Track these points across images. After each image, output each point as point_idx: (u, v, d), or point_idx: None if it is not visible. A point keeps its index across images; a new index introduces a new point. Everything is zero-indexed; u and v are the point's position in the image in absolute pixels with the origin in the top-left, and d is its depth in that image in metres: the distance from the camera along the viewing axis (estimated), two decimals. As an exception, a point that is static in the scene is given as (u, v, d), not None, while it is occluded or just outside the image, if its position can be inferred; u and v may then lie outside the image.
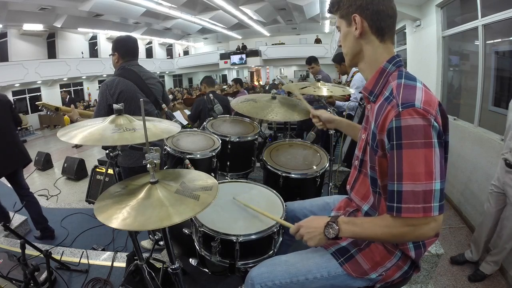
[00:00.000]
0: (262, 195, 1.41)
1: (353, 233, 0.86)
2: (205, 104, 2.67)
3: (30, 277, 1.48)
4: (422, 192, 0.73)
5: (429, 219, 0.74)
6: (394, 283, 1.00)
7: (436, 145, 0.73)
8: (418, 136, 0.72)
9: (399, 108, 0.75)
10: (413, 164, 0.73)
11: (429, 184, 0.72)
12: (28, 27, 11.90)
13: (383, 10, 0.85)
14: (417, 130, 0.73)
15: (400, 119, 0.74)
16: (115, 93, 1.82)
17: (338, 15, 0.94)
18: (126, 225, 0.80)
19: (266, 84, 17.23)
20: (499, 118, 2.77)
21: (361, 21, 0.86)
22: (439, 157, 0.74)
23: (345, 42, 0.95)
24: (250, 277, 1.01)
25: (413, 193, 0.73)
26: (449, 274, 2.26)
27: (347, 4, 0.89)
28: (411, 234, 0.78)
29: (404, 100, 0.76)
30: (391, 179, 0.77)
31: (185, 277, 1.74)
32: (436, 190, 0.73)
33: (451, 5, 3.73)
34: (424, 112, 0.73)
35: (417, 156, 0.72)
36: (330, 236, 0.87)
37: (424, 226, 0.75)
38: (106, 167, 3.37)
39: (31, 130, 11.95)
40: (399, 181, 0.74)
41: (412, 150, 0.73)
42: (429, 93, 0.80)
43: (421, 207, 0.73)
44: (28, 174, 5.84)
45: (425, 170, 0.72)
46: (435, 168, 0.73)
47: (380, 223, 0.82)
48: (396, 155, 0.75)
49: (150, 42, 20.09)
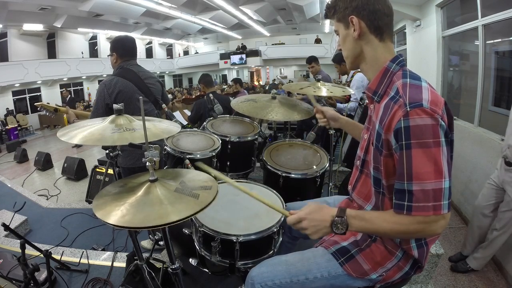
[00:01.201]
0: (262, 195, 1.40)
1: (362, 227, 0.84)
2: (205, 104, 2.66)
3: (30, 277, 1.48)
4: (432, 191, 0.73)
5: (439, 217, 0.75)
6: (394, 283, 1.00)
7: (443, 144, 0.74)
8: (427, 136, 0.73)
9: (407, 107, 0.75)
10: (422, 164, 0.73)
11: (439, 182, 0.73)
12: (28, 27, 11.89)
13: (379, 9, 0.86)
14: (426, 130, 0.73)
15: (409, 118, 0.74)
16: (113, 93, 1.81)
17: (336, 19, 0.94)
18: (125, 222, 0.80)
19: (266, 84, 17.24)
20: (499, 118, 2.77)
21: (358, 22, 0.87)
22: (446, 155, 0.75)
23: (344, 45, 0.94)
24: (250, 277, 1.01)
25: (423, 192, 0.74)
26: (449, 274, 2.25)
27: (343, 7, 0.89)
28: (421, 232, 0.78)
29: (412, 100, 0.76)
30: (401, 178, 0.77)
31: (185, 277, 1.73)
32: (445, 188, 0.74)
33: (451, 5, 3.73)
34: (432, 112, 0.74)
35: (426, 156, 0.73)
36: (339, 232, 0.84)
37: (433, 224, 0.76)
38: (106, 167, 3.38)
39: (31, 130, 11.95)
40: (409, 181, 0.75)
41: (421, 150, 0.73)
42: (435, 92, 0.80)
43: (431, 205, 0.74)
44: (28, 174, 5.86)
45: (435, 169, 0.73)
46: (443, 166, 0.74)
47: (390, 219, 0.81)
48: (405, 155, 0.75)
49: (150, 42, 20.09)
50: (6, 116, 11.38)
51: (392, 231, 0.81)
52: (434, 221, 0.76)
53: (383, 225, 0.82)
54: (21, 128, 11.37)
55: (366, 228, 0.85)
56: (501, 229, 2.01)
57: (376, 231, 0.86)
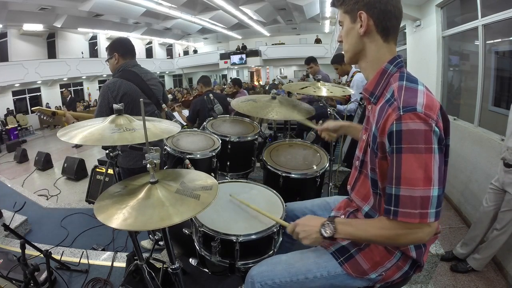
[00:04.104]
0: (262, 195, 1.41)
1: (349, 233, 0.87)
2: (203, 104, 2.67)
3: (30, 277, 1.48)
4: (420, 198, 0.73)
5: (424, 225, 0.75)
6: (394, 283, 1.00)
7: (436, 151, 0.73)
8: (419, 141, 0.72)
9: (400, 111, 0.74)
10: (412, 169, 0.72)
11: (427, 190, 0.72)
12: (28, 27, 11.90)
13: (390, 10, 0.83)
14: (418, 135, 0.72)
15: (401, 122, 0.73)
16: (118, 95, 1.79)
17: (342, 10, 0.90)
18: (128, 225, 0.80)
19: (266, 84, 17.24)
20: (499, 118, 2.77)
21: (367, 19, 0.83)
22: (438, 162, 0.74)
23: (347, 38, 0.91)
24: (250, 276, 1.01)
25: (410, 198, 0.73)
26: (449, 274, 2.25)
27: (354, 0, 0.85)
28: (405, 237, 0.78)
29: (405, 104, 0.75)
30: (390, 182, 0.77)
31: (185, 277, 1.74)
32: (434, 197, 0.73)
33: (451, 5, 3.73)
34: (426, 117, 0.72)
35: (416, 161, 0.72)
36: (326, 235, 0.87)
37: (418, 231, 0.76)
38: (106, 167, 3.37)
39: (31, 130, 11.95)
40: (397, 185, 0.75)
41: (412, 155, 0.72)
42: (431, 96, 0.79)
43: (418, 212, 0.73)
44: (28, 174, 5.86)
45: (424, 176, 0.72)
46: (433, 174, 0.72)
47: (375, 225, 0.83)
48: (395, 158, 0.75)
49: (150, 42, 20.09)
50: (6, 116, 11.40)
51: (377, 236, 0.82)
52: (419, 228, 0.75)
53: (369, 230, 0.83)
54: (21, 128, 11.38)
55: (352, 233, 0.86)
56: (502, 229, 2.01)
57: (362, 236, 0.86)
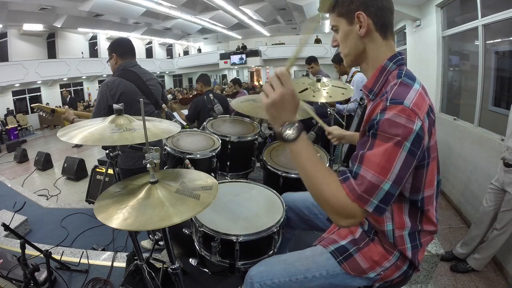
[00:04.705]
0: (262, 195, 1.41)
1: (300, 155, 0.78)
2: (204, 104, 2.66)
3: (30, 277, 1.48)
4: (369, 182, 0.71)
5: (356, 208, 0.72)
6: (393, 282, 1.00)
7: (406, 149, 0.71)
8: (394, 132, 0.71)
9: (387, 102, 0.73)
10: (376, 154, 0.72)
11: (379, 179, 0.71)
12: (28, 27, 11.89)
13: (386, 6, 0.82)
14: (396, 127, 0.71)
15: (385, 112, 0.72)
16: (116, 94, 1.79)
17: (336, 14, 0.85)
18: (128, 225, 0.80)
19: (266, 84, 17.20)
20: (499, 118, 2.77)
21: (366, 19, 0.81)
22: (404, 163, 0.71)
23: (346, 42, 0.87)
24: (249, 276, 1.01)
25: (363, 179, 0.72)
26: (449, 274, 2.26)
27: (348, 1, 0.82)
28: (330, 204, 0.74)
29: (394, 96, 0.74)
30: (354, 159, 0.76)
31: (185, 277, 1.74)
32: (383, 189, 0.71)
33: (451, 5, 3.73)
34: (411, 113, 0.71)
35: (384, 149, 0.71)
36: (283, 135, 0.78)
37: (344, 210, 0.73)
38: (106, 167, 3.38)
39: (31, 130, 11.95)
40: (360, 164, 0.73)
41: (382, 142, 0.71)
42: (423, 96, 0.77)
43: (360, 193, 0.71)
44: (28, 174, 5.87)
45: (383, 165, 0.70)
46: (393, 168, 0.71)
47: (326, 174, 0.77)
48: (370, 142, 0.74)
49: (150, 42, 20.08)
50: (6, 116, 11.39)
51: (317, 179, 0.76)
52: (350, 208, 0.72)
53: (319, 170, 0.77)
54: (21, 128, 11.37)
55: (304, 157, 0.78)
56: (502, 229, 2.01)
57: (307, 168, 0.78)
